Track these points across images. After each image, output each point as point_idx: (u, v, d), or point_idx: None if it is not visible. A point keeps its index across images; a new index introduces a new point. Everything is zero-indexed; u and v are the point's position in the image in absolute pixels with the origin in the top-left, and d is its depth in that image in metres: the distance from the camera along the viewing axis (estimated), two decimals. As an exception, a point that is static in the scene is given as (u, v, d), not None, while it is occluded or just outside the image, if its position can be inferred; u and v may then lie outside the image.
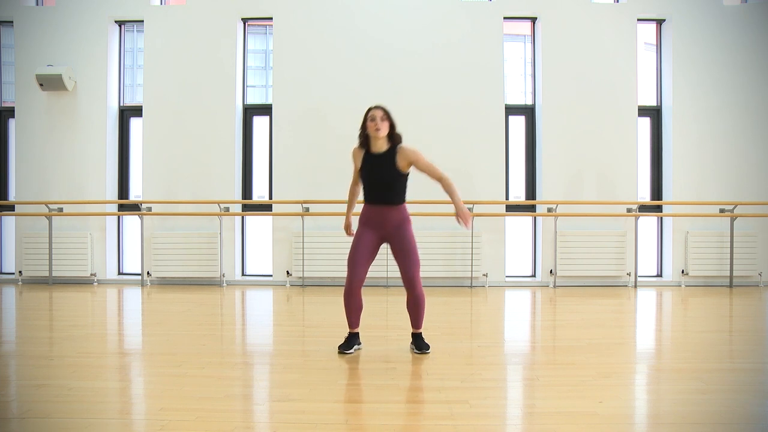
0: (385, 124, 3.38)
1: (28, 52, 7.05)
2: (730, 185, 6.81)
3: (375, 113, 3.38)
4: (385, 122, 3.38)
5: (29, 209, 6.98)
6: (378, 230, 3.46)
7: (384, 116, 3.38)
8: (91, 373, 3.07)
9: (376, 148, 3.44)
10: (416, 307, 3.51)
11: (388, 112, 3.43)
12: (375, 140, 3.42)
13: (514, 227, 7.14)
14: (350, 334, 3.56)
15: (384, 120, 3.38)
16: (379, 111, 3.39)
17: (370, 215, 3.47)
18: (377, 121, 3.36)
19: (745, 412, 2.50)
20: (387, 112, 3.42)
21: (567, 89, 6.84)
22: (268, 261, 7.05)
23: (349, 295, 3.47)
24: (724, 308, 5.39)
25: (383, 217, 3.44)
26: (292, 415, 2.42)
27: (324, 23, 6.89)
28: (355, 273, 3.43)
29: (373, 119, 3.38)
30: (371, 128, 3.38)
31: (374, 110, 3.41)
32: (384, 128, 3.38)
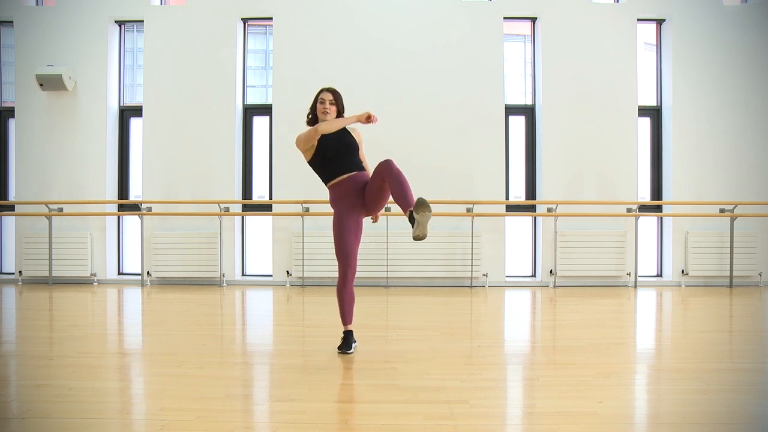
0: (333, 108, 3.48)
1: (28, 52, 7.05)
2: (730, 185, 6.81)
3: (325, 96, 3.47)
4: (333, 106, 3.48)
5: (29, 209, 6.99)
6: (354, 203, 3.41)
7: (332, 101, 3.48)
8: (91, 373, 3.07)
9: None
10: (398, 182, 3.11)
11: (339, 96, 3.51)
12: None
13: (514, 227, 7.14)
14: (346, 333, 3.53)
15: (332, 104, 3.48)
16: (328, 94, 3.47)
17: (342, 190, 3.42)
18: (326, 104, 3.46)
19: (745, 412, 2.50)
20: (337, 96, 3.50)
21: (567, 89, 6.84)
22: (268, 261, 7.05)
23: (344, 287, 3.43)
24: (724, 308, 5.39)
25: (356, 182, 3.41)
26: (292, 415, 2.42)
27: (324, 23, 6.89)
28: (349, 263, 3.39)
29: (322, 102, 3.47)
30: (320, 110, 3.47)
31: (324, 93, 3.49)
32: (332, 112, 3.47)
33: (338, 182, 3.44)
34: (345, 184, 3.43)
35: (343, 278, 3.43)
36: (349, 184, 3.42)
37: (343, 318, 3.53)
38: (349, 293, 3.47)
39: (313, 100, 3.53)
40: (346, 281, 3.43)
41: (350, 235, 3.39)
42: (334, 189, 3.46)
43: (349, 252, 3.39)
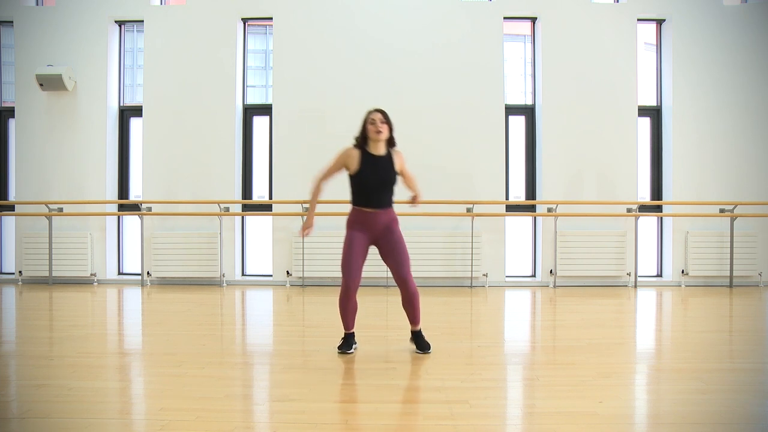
0: (386, 127, 3.43)
1: (28, 52, 7.05)
2: (730, 185, 6.81)
3: (375, 116, 3.43)
4: (385, 125, 3.43)
5: (29, 209, 6.98)
6: (368, 232, 3.46)
7: (383, 120, 3.43)
8: (91, 373, 3.07)
9: (375, 150, 3.45)
10: (412, 303, 3.51)
11: (387, 115, 3.47)
12: (375, 143, 3.44)
13: (514, 227, 7.14)
14: (347, 334, 3.56)
15: (383, 123, 3.42)
16: (378, 114, 3.45)
17: (362, 218, 3.46)
18: (377, 124, 3.40)
19: (745, 412, 2.50)
20: (386, 115, 3.47)
21: (567, 89, 6.84)
22: (268, 261, 7.05)
23: (346, 299, 3.45)
24: (724, 308, 5.39)
25: (376, 220, 3.44)
26: (292, 415, 2.42)
27: (324, 23, 6.89)
28: (351, 278, 3.40)
29: (373, 122, 3.41)
30: (372, 131, 3.41)
31: (374, 113, 3.45)
32: (385, 131, 3.42)
33: (362, 211, 3.47)
34: (364, 215, 3.46)
35: (345, 291, 3.43)
36: (370, 219, 3.45)
37: (345, 324, 3.54)
38: (351, 304, 3.48)
39: (363, 122, 3.47)
40: (348, 294, 3.43)
41: (356, 257, 3.42)
42: (356, 213, 3.49)
43: (350, 270, 3.40)
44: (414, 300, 3.50)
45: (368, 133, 3.43)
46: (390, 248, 3.46)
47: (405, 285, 3.46)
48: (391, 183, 3.47)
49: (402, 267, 3.44)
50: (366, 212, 3.45)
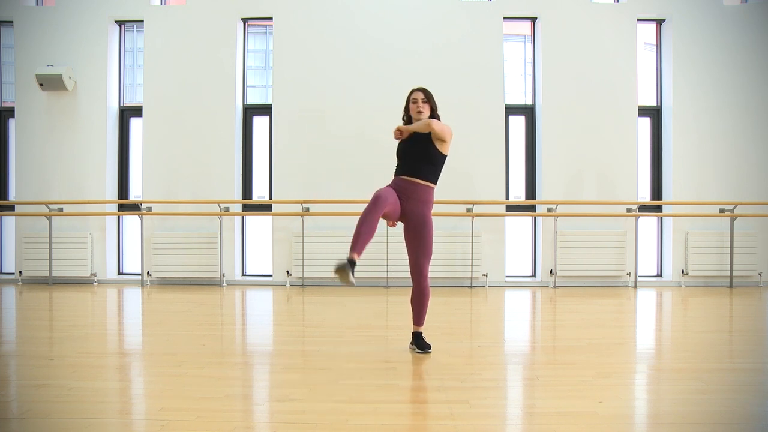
0: (426, 106, 3.49)
1: (28, 52, 7.06)
2: (730, 185, 6.81)
3: (417, 95, 3.50)
4: (426, 104, 3.49)
5: (29, 209, 6.99)
6: (403, 199, 3.39)
7: (425, 99, 3.50)
8: (91, 373, 3.07)
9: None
10: (420, 300, 3.48)
11: (430, 94, 3.52)
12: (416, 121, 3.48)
13: (514, 227, 7.14)
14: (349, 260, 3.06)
15: (425, 102, 3.49)
16: (420, 93, 3.51)
17: (401, 184, 3.43)
18: (419, 103, 3.48)
19: (745, 412, 2.50)
20: (428, 94, 3.51)
21: (567, 89, 6.84)
22: (268, 261, 7.05)
23: (373, 207, 3.13)
24: (724, 308, 5.38)
25: (412, 189, 3.40)
26: (292, 415, 2.42)
27: (324, 23, 6.89)
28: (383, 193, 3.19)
29: (414, 101, 3.49)
30: (413, 110, 3.50)
31: (416, 92, 3.52)
32: (426, 110, 3.49)
33: (400, 177, 3.46)
34: (402, 181, 3.44)
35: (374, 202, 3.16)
36: (405, 184, 3.42)
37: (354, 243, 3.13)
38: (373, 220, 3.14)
39: (406, 102, 3.56)
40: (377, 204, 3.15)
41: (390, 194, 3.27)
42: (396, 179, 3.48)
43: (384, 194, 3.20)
44: (423, 297, 3.48)
45: (411, 113, 3.52)
46: (416, 234, 3.42)
47: (419, 278, 3.43)
48: (424, 153, 3.38)
49: (421, 257, 3.41)
50: (404, 179, 3.43)
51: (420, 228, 3.41)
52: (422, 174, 3.43)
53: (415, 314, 3.54)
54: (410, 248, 3.45)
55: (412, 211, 3.41)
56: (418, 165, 3.42)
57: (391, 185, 3.45)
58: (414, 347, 3.55)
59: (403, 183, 3.42)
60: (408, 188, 3.40)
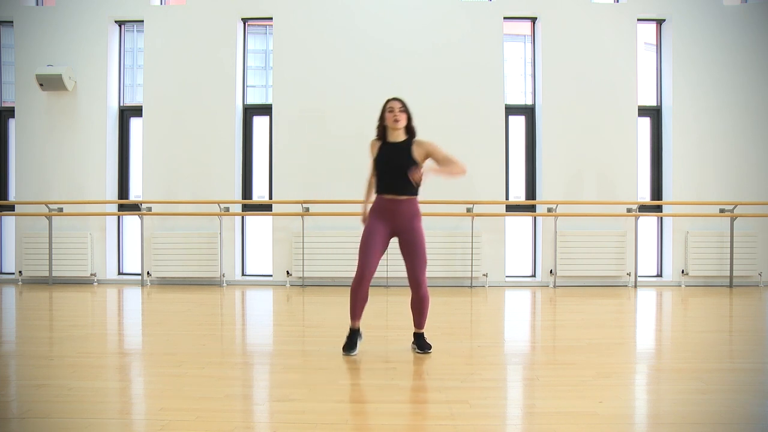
0: (403, 116, 3.43)
1: (28, 52, 7.05)
2: (730, 185, 6.81)
3: (393, 105, 3.44)
4: (403, 114, 3.43)
5: (29, 209, 6.98)
6: (389, 222, 3.42)
7: (402, 108, 3.44)
8: (91, 373, 3.07)
9: (392, 138, 3.47)
10: (420, 307, 3.50)
11: (406, 104, 3.47)
12: (392, 131, 3.46)
13: (514, 227, 7.14)
14: (352, 331, 3.52)
15: (402, 111, 3.43)
16: (397, 103, 3.45)
17: (383, 206, 3.43)
18: (396, 112, 3.41)
19: (745, 412, 2.50)
20: (404, 104, 3.47)
21: (567, 89, 6.84)
22: (268, 261, 7.05)
23: (359, 285, 3.40)
24: (724, 308, 5.39)
25: (396, 208, 3.40)
26: (292, 415, 2.42)
27: (324, 23, 6.89)
28: (367, 263, 3.37)
29: (391, 110, 3.43)
30: (389, 119, 3.43)
31: (392, 102, 3.46)
32: (402, 119, 3.43)
33: (382, 198, 3.44)
34: (385, 202, 3.42)
35: (359, 278, 3.40)
36: (385, 205, 3.42)
37: (352, 313, 3.50)
38: (363, 293, 3.44)
39: (381, 111, 3.49)
40: (362, 281, 3.40)
41: (374, 242, 3.40)
42: (377, 201, 3.47)
43: (367, 255, 3.38)
44: (422, 305, 3.48)
45: (387, 122, 3.45)
46: (408, 244, 3.42)
47: (417, 287, 3.43)
48: (401, 169, 3.35)
49: (416, 269, 3.41)
50: (385, 199, 3.42)
51: (412, 240, 3.41)
52: (407, 190, 3.41)
53: (416, 319, 3.56)
54: (406, 259, 3.44)
55: (402, 227, 3.43)
56: (402, 182, 3.38)
57: (376, 212, 3.44)
58: (415, 347, 3.56)
59: (388, 204, 3.41)
60: (394, 208, 3.41)
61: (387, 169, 3.40)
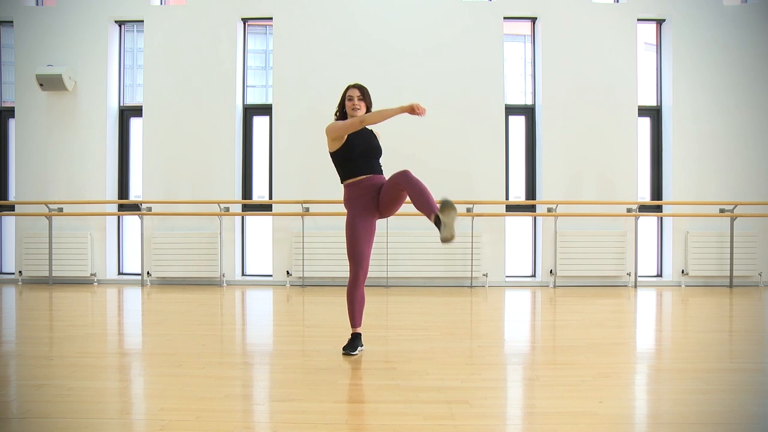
0: (362, 104, 3.47)
1: (28, 52, 7.05)
2: (730, 185, 6.81)
3: (352, 93, 3.47)
4: (362, 102, 3.46)
5: (29, 209, 6.98)
6: (369, 204, 3.39)
7: (360, 97, 3.46)
8: (91, 373, 3.07)
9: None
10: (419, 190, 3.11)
11: (366, 91, 3.49)
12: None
13: (514, 227, 7.14)
14: (353, 335, 3.49)
15: (360, 100, 3.46)
16: (356, 90, 3.47)
17: (359, 191, 3.38)
18: (354, 101, 3.45)
19: (745, 412, 2.50)
20: (364, 91, 3.48)
21: (567, 89, 6.84)
22: (268, 261, 7.05)
23: (355, 287, 3.39)
24: (724, 308, 5.38)
25: (371, 184, 3.40)
26: (292, 415, 2.42)
27: (324, 23, 6.89)
28: (361, 263, 3.36)
29: (350, 99, 3.46)
30: (349, 107, 3.46)
31: (352, 89, 3.48)
32: (362, 108, 3.46)
33: (355, 182, 3.42)
34: (362, 185, 3.40)
35: (354, 280, 3.39)
36: (366, 185, 3.40)
37: (352, 320, 3.48)
38: (359, 295, 3.43)
39: (341, 98, 3.51)
40: (357, 282, 3.39)
41: (363, 238, 3.38)
42: (350, 188, 3.43)
43: (361, 254, 3.37)
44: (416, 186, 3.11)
45: (346, 109, 3.48)
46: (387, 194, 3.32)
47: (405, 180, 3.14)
48: (377, 150, 3.48)
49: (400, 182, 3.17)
50: (359, 181, 3.39)
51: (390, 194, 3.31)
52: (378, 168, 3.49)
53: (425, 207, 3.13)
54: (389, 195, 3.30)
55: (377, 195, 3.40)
56: (377, 163, 3.49)
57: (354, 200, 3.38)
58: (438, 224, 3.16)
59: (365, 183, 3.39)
60: (373, 184, 3.40)
61: (367, 151, 3.42)
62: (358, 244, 3.37)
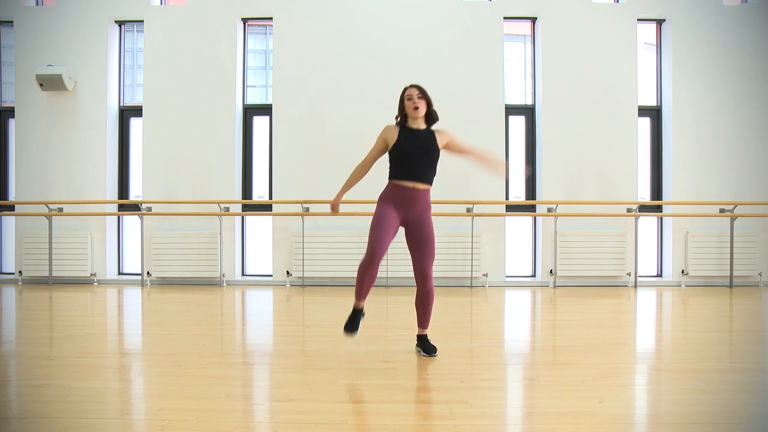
0: (423, 102, 3.33)
1: (28, 52, 7.05)
2: (730, 185, 6.81)
3: (411, 92, 3.33)
4: (422, 100, 3.32)
5: (29, 209, 6.98)
6: (402, 211, 3.31)
7: (420, 95, 3.33)
8: (91, 373, 3.07)
9: (414, 125, 3.39)
10: (425, 303, 3.39)
11: (424, 90, 3.36)
12: (413, 120, 3.37)
13: (514, 227, 7.14)
14: (355, 310, 3.38)
15: (420, 98, 3.32)
16: (414, 90, 3.34)
17: (398, 193, 3.30)
18: (414, 99, 3.31)
19: (745, 412, 2.50)
20: (423, 90, 3.35)
21: (567, 89, 6.84)
22: (268, 261, 7.05)
23: (369, 265, 3.22)
24: (724, 308, 5.38)
25: (414, 196, 3.30)
26: (292, 415, 2.42)
27: (324, 23, 6.89)
28: (379, 244, 3.20)
29: (410, 98, 3.32)
30: (409, 107, 3.32)
31: (410, 89, 3.34)
32: (422, 106, 3.33)
33: (399, 185, 3.32)
34: (402, 190, 3.30)
35: (369, 257, 3.22)
36: (408, 194, 3.30)
37: (357, 293, 3.34)
38: (372, 273, 3.26)
39: (400, 100, 3.38)
40: (372, 261, 3.22)
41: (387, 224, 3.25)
42: (392, 187, 3.35)
43: (381, 236, 3.22)
44: (428, 299, 3.38)
45: (406, 110, 3.35)
46: (419, 236, 3.32)
47: (423, 280, 3.33)
48: (430, 154, 3.31)
49: (425, 260, 3.30)
50: (403, 186, 3.29)
51: (424, 232, 3.33)
52: (428, 178, 3.34)
53: (420, 317, 3.46)
54: (414, 252, 3.35)
55: (415, 218, 3.33)
56: (426, 169, 3.31)
57: (390, 198, 3.32)
58: (420, 350, 3.48)
59: (406, 192, 3.30)
60: (411, 196, 3.30)
61: (415, 156, 3.28)
62: (380, 227, 3.24)
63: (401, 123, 3.41)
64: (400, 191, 3.31)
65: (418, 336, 3.51)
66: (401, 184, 3.32)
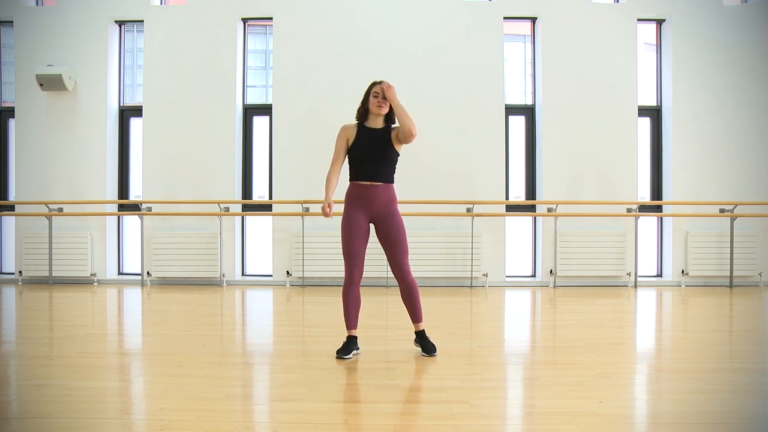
0: (387, 103, 3.34)
1: (28, 52, 7.05)
2: (730, 185, 6.81)
3: (378, 89, 3.33)
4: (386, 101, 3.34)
5: (29, 209, 6.98)
6: (367, 210, 3.34)
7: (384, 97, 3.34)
8: (91, 373, 3.07)
9: (373, 123, 3.40)
10: (411, 296, 3.39)
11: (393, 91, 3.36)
12: (374, 117, 3.38)
13: (514, 227, 7.14)
14: (349, 338, 3.39)
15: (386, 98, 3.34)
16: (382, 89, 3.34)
17: (359, 192, 3.34)
18: (380, 98, 3.33)
19: (745, 412, 2.50)
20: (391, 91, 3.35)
21: (567, 89, 6.84)
22: (268, 261, 7.05)
23: (350, 287, 3.30)
24: (724, 308, 5.38)
25: (374, 195, 3.32)
26: (292, 415, 2.42)
27: (324, 23, 6.89)
28: (355, 263, 3.27)
29: (376, 95, 3.33)
30: (373, 104, 3.34)
31: (378, 86, 3.35)
32: (386, 106, 3.34)
33: (358, 184, 3.36)
34: (362, 189, 3.34)
35: (349, 279, 3.30)
36: (368, 191, 3.33)
37: (347, 321, 3.38)
38: (354, 295, 3.33)
39: (365, 94, 3.39)
40: (352, 282, 3.30)
41: (357, 239, 3.30)
42: (353, 187, 3.38)
43: (355, 253, 3.28)
44: (413, 293, 3.38)
45: (369, 105, 3.36)
46: (387, 230, 3.33)
47: (401, 273, 3.34)
48: (384, 155, 3.33)
49: (398, 253, 3.31)
50: (362, 185, 3.34)
51: (391, 225, 3.33)
52: (387, 177, 3.37)
53: (411, 312, 3.44)
54: (387, 248, 3.36)
55: (381, 212, 3.35)
56: (383, 170, 3.35)
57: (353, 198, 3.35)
58: (420, 349, 3.44)
59: (366, 190, 3.33)
60: (372, 193, 3.33)
61: (368, 156, 3.32)
62: (353, 242, 3.29)
63: (361, 119, 3.43)
64: (361, 190, 3.36)
65: (416, 332, 3.48)
66: (360, 183, 3.37)
